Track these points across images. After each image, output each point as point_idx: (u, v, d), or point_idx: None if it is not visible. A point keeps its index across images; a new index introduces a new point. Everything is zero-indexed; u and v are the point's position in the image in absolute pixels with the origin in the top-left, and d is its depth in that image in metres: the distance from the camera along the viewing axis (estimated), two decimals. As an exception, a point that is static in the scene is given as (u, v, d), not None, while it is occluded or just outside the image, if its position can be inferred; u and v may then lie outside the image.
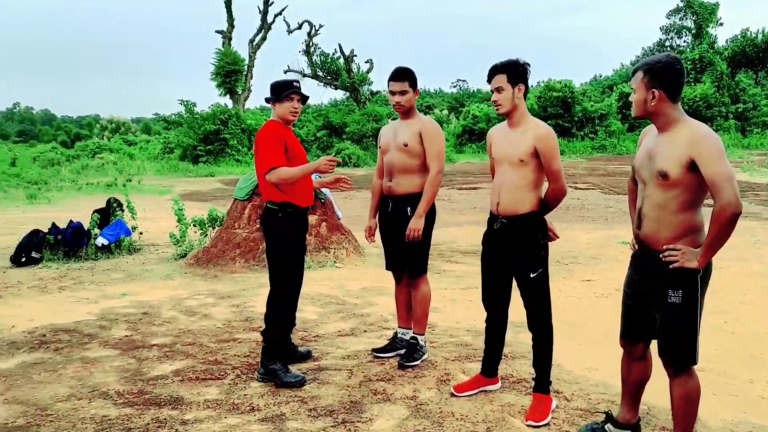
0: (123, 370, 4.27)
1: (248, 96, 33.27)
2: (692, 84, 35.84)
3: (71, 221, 8.73)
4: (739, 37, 40.59)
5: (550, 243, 3.66)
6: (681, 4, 37.09)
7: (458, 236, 9.62)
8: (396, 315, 5.27)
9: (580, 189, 15.98)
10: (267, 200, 4.05)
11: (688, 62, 37.24)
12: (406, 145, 4.18)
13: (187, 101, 31.18)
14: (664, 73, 2.85)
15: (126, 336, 5.06)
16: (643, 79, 2.87)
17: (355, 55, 34.47)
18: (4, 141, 55.43)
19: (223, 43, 32.64)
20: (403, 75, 4.21)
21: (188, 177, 25.88)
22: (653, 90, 2.84)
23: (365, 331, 5.09)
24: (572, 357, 4.42)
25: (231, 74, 31.73)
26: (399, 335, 4.50)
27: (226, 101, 33.11)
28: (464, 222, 11.12)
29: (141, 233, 9.26)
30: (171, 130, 35.45)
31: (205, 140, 29.27)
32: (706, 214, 2.75)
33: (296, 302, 4.24)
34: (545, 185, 3.57)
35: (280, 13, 33.49)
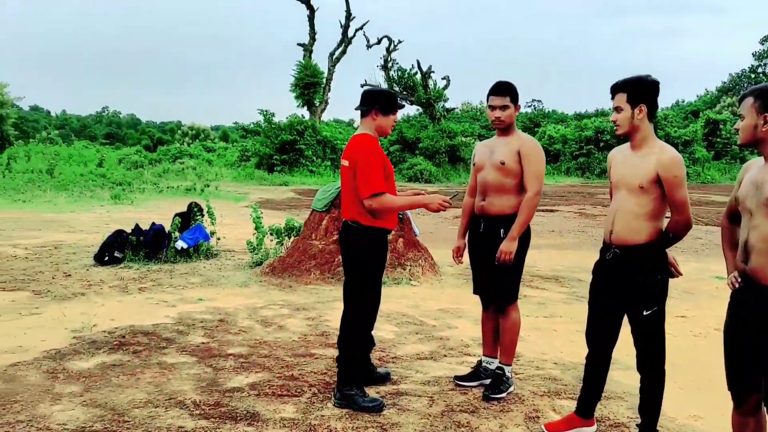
0: (199, 379, 4.19)
1: (325, 108, 33.71)
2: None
3: (153, 223, 8.89)
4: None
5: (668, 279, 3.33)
6: (778, 29, 35.27)
7: (537, 260, 9.28)
8: (481, 341, 5.04)
9: (666, 217, 15.24)
10: (350, 219, 3.83)
11: (783, 89, 35.39)
12: (503, 164, 3.96)
13: (266, 111, 31.85)
14: None
15: (203, 343, 5.02)
16: (753, 104, 2.74)
17: (433, 71, 34.45)
18: (92, 142, 58.19)
19: (304, 56, 33.22)
20: (504, 89, 4.00)
21: (263, 185, 26.35)
22: (765, 115, 2.69)
23: (445, 355, 4.87)
24: (675, 402, 4.05)
25: (310, 86, 32.23)
26: (484, 364, 4.25)
27: (303, 112, 33.67)
28: (543, 245, 10.74)
29: (219, 239, 9.35)
30: (248, 138, 36.28)
31: (281, 150, 29.77)
32: None
33: (374, 321, 4.05)
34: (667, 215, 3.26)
35: (360, 28, 33.86)
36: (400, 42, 36.39)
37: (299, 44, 33.49)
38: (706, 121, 35.72)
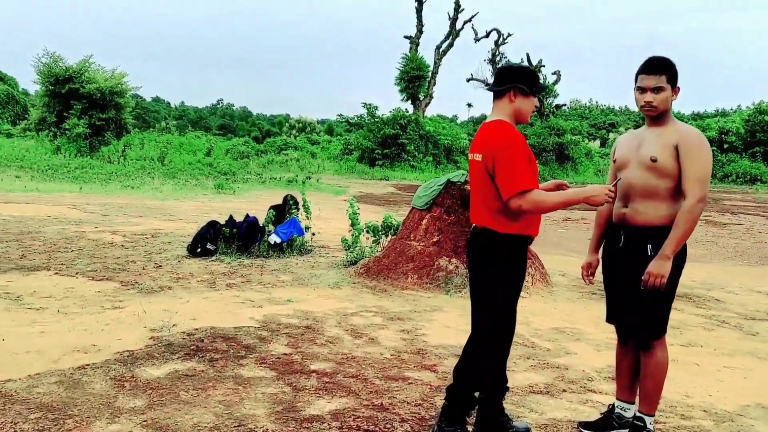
0: (276, 401, 3.64)
1: (429, 102, 33.09)
2: None
3: (247, 216, 8.56)
4: None
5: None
6: None
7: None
8: (607, 374, 4.21)
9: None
10: (482, 225, 3.12)
11: None
12: (654, 161, 3.14)
13: (369, 104, 31.62)
14: None
15: (285, 354, 4.49)
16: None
17: (543, 65, 33.01)
18: (206, 133, 60.54)
19: (410, 48, 32.71)
20: (659, 67, 3.17)
21: (364, 179, 26.08)
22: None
23: (564, 390, 4.07)
24: None
25: (415, 80, 31.70)
26: (617, 410, 3.43)
27: (407, 107, 33.17)
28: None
29: (313, 234, 8.90)
30: (352, 132, 36.27)
31: (383, 144, 29.43)
32: None
33: (509, 348, 3.32)
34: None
35: (469, 20, 32.94)
36: (509, 35, 35.17)
37: (406, 36, 33.00)
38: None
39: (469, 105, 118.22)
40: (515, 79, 3.08)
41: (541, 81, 3.15)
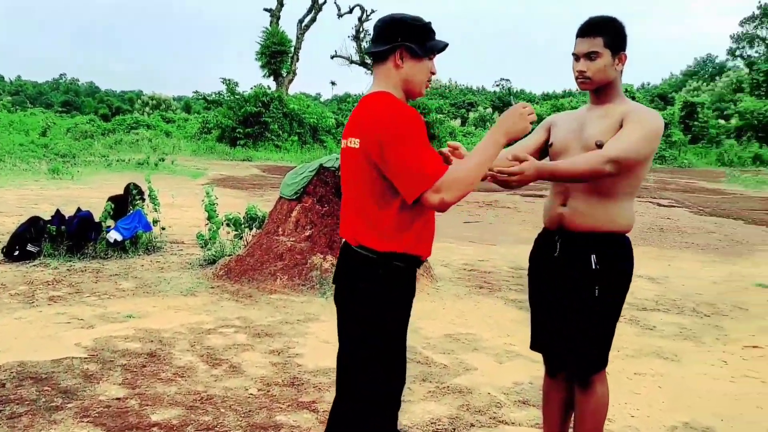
0: (97, 484, 2.62)
1: (293, 79, 31.84)
2: (764, 98, 33.32)
3: (79, 209, 7.18)
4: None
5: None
6: (757, 12, 34.43)
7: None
8: (519, 398, 3.56)
9: (664, 206, 14.02)
10: (357, 241, 2.23)
11: (761, 74, 34.72)
12: (600, 146, 2.45)
13: (228, 80, 29.86)
14: None
15: (117, 399, 3.44)
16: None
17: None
18: (47, 110, 54.99)
19: (271, 22, 31.22)
20: (593, 28, 2.48)
21: (225, 160, 24.52)
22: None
23: (473, 425, 3.37)
24: None
25: (276, 55, 30.29)
26: (548, 461, 2.77)
27: (270, 83, 31.71)
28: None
29: (163, 228, 7.67)
30: (211, 109, 34.19)
31: (244, 122, 27.90)
32: None
33: (398, 410, 2.44)
34: None
35: (331, -6, 31.83)
36: (373, 12, 34.55)
37: (266, 9, 31.42)
38: (684, 104, 34.85)
39: (333, 83, 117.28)
40: (402, 34, 2.20)
41: (437, 37, 2.26)
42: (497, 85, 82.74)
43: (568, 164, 2.41)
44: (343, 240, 2.34)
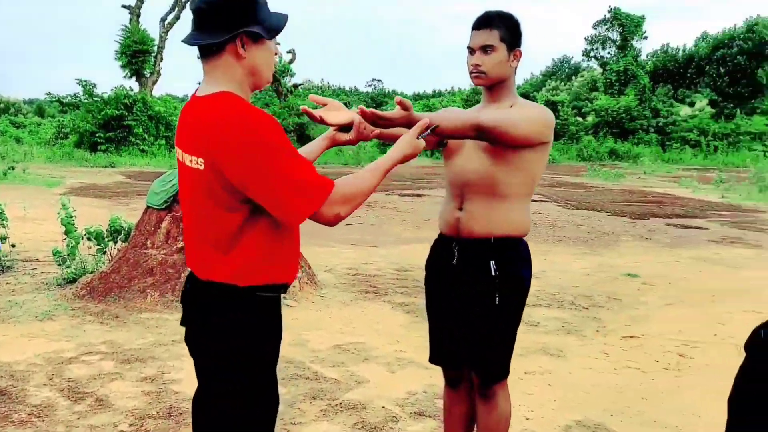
0: None
1: (157, 80, 30.24)
2: (616, 96, 35.94)
3: None
4: (659, 52, 41.30)
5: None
6: (608, 15, 37.15)
7: (424, 257, 7.83)
8: (422, 416, 3.42)
9: (535, 201, 14.62)
10: (209, 275, 1.86)
11: (613, 74, 37.41)
12: (494, 144, 2.34)
13: (85, 81, 27.87)
14: None
15: (-45, 455, 2.93)
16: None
17: (278, 43, 32.01)
18: None
19: (131, 20, 29.46)
20: (490, 21, 2.36)
21: (84, 167, 22.85)
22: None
23: (370, 444, 3.18)
24: None
25: (138, 54, 28.62)
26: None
27: (132, 84, 29.96)
28: (424, 238, 9.35)
29: (13, 245, 6.88)
30: (67, 113, 31.81)
31: (105, 126, 26.19)
32: None
33: None
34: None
35: (196, -8, 30.56)
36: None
37: (124, 6, 29.62)
38: (546, 103, 36.84)
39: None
40: (239, 18, 1.78)
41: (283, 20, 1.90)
42: (369, 86, 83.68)
43: (442, 115, 2.22)
44: (189, 271, 1.97)
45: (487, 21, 2.36)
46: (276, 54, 1.94)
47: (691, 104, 37.27)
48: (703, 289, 6.67)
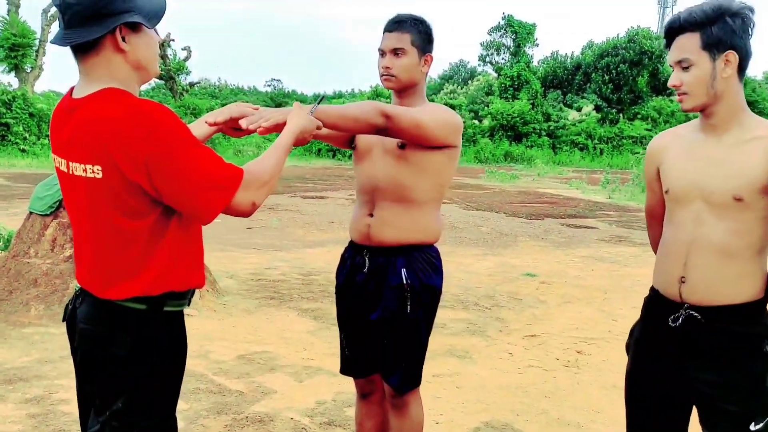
0: None
1: (39, 75, 28.42)
2: (511, 100, 37.26)
3: None
4: (549, 59, 43.21)
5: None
6: (502, 23, 38.47)
7: (330, 261, 7.75)
8: (331, 426, 3.34)
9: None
10: (119, 296, 1.70)
11: (507, 79, 38.75)
12: (402, 147, 2.30)
13: (-43, 75, 25.70)
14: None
15: None
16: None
17: (173, 40, 30.96)
18: None
19: (9, 11, 27.49)
20: (401, 24, 2.33)
21: (-43, 168, 21.05)
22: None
23: (279, 459, 3.06)
24: None
25: (17, 48, 26.74)
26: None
27: (11, 80, 27.95)
28: (328, 241, 9.27)
29: None
30: (-65, 109, 29.21)
31: (-19, 124, 24.26)
32: None
33: None
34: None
35: (83, -17, 28.95)
36: (131, 4, 32.13)
37: (2, -4, 27.61)
38: (445, 105, 37.69)
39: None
40: (115, 8, 1.61)
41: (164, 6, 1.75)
42: (268, 86, 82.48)
43: (339, 106, 2.17)
44: (78, 288, 1.81)
45: (399, 24, 2.33)
46: (160, 42, 1.82)
47: (579, 109, 39.31)
48: (596, 286, 6.99)
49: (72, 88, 1.73)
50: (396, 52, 2.32)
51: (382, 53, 2.35)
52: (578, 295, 6.60)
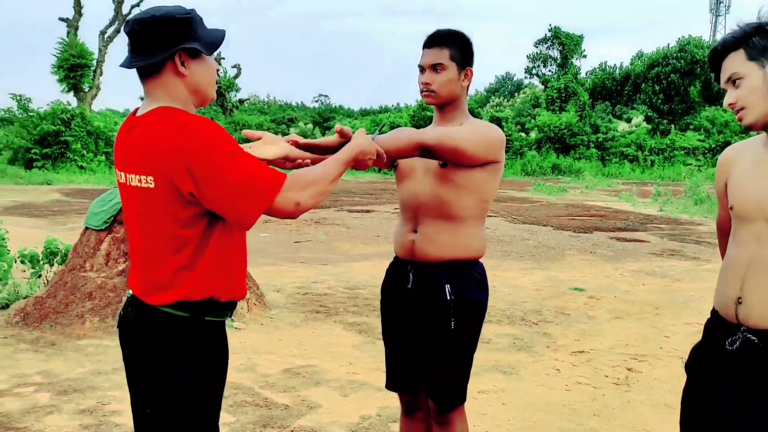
0: None
1: (96, 94, 29.46)
2: (558, 112, 36.84)
3: None
4: (598, 70, 42.61)
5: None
6: (549, 34, 38.19)
7: (375, 275, 7.77)
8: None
9: (481, 216, 14.75)
10: (167, 301, 1.80)
11: (554, 90, 38.37)
12: (444, 166, 2.30)
13: (20, 96, 26.87)
14: None
15: None
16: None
17: (223, 58, 31.73)
18: None
19: (68, 33, 28.64)
20: (440, 39, 2.34)
21: (18, 184, 21.95)
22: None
23: (324, 474, 3.08)
24: None
25: (76, 68, 27.79)
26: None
27: (70, 99, 29.04)
28: (374, 255, 9.30)
29: (-61, 270, 6.47)
30: (0, 128, 30.58)
31: (41, 142, 25.27)
32: None
33: None
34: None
35: (137, 5, 30.00)
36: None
37: (62, 19, 28.79)
38: (491, 119, 37.48)
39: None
40: (176, 36, 1.77)
41: (205, 26, 1.87)
42: (316, 101, 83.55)
43: (388, 135, 2.20)
44: (130, 293, 1.92)
45: (437, 39, 2.34)
46: (217, 69, 1.94)
47: (628, 120, 38.55)
48: (647, 301, 6.81)
49: (136, 109, 1.89)
50: (435, 67, 2.33)
51: (422, 69, 2.37)
52: (628, 310, 6.44)
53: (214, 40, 1.85)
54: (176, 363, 1.80)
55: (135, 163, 1.78)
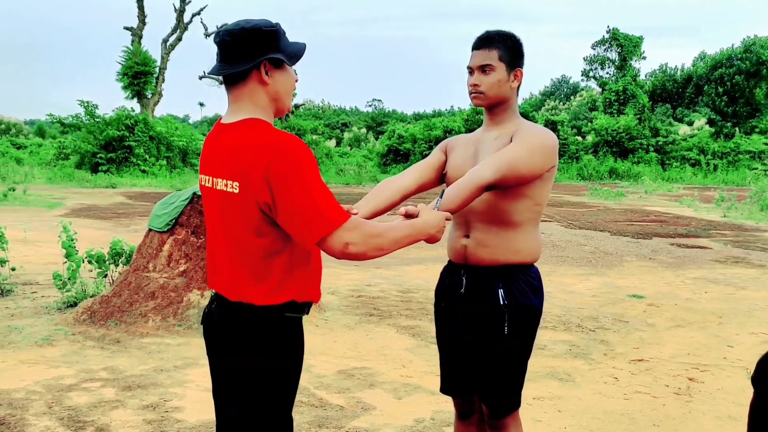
0: None
1: (158, 101, 30.40)
2: (616, 115, 36.06)
3: None
4: (658, 72, 41.50)
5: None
6: (607, 36, 37.42)
7: (428, 278, 7.78)
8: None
9: (536, 221, 14.55)
10: (243, 299, 1.91)
11: (612, 93, 37.59)
12: None
13: (87, 102, 27.98)
14: None
15: (-47, 488, 2.85)
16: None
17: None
18: None
19: (133, 41, 29.68)
20: (489, 41, 2.34)
21: (85, 187, 22.85)
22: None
23: (378, 475, 3.11)
24: None
25: (140, 75, 28.79)
26: None
27: (133, 105, 30.09)
28: (426, 259, 9.31)
29: (13, 269, 6.82)
30: (68, 134, 31.91)
31: (106, 147, 26.28)
32: None
33: None
34: None
35: (198, 13, 30.85)
36: (241, 32, 33.78)
37: (126, 28, 29.85)
38: (546, 123, 36.97)
39: (202, 104, 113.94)
40: (262, 47, 1.87)
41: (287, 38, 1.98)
42: (369, 106, 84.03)
43: (453, 193, 2.18)
44: (214, 292, 2.04)
45: (486, 41, 2.34)
46: (296, 81, 2.03)
47: (690, 123, 37.42)
48: (710, 310, 6.60)
49: (220, 118, 1.99)
50: (484, 69, 2.33)
51: (471, 71, 2.37)
52: (690, 318, 6.26)
53: (296, 52, 1.96)
54: (256, 356, 1.91)
55: (224, 168, 1.89)
